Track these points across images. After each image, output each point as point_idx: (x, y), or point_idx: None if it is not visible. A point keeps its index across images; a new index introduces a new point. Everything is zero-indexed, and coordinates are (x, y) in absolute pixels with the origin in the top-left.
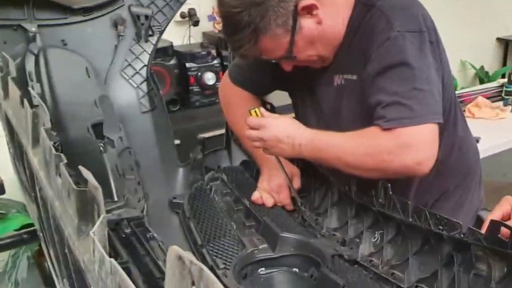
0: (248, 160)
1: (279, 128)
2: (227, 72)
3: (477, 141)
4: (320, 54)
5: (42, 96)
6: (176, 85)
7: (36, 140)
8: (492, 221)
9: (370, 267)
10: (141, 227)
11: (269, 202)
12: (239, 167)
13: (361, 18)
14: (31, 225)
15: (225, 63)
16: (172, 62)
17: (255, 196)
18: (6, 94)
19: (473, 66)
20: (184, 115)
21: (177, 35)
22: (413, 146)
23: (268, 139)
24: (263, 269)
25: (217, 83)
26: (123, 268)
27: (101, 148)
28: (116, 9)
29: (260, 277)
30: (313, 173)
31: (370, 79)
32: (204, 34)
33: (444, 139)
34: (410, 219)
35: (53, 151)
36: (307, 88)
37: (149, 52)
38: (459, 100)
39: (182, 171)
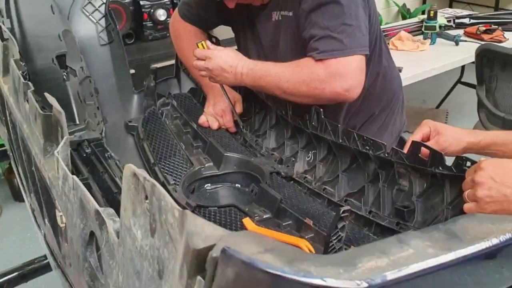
0: (196, 88)
1: (223, 59)
2: (177, 9)
3: (400, 70)
4: None
5: (11, 30)
6: (131, 20)
7: (6, 70)
8: (413, 142)
9: (304, 183)
10: (100, 148)
11: (214, 125)
12: (187, 94)
13: None
14: (2, 145)
15: (175, 1)
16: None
17: (202, 119)
18: None
19: (396, 4)
20: (138, 48)
21: None
22: (343, 75)
23: (213, 69)
24: (209, 184)
25: (168, 19)
26: (84, 184)
27: (64, 77)
28: None
29: (206, 192)
30: (254, 99)
31: (304, 15)
32: None
33: (370, 68)
34: (340, 140)
35: (22, 79)
36: (248, 24)
37: None
38: (384, 34)
39: (136, 98)
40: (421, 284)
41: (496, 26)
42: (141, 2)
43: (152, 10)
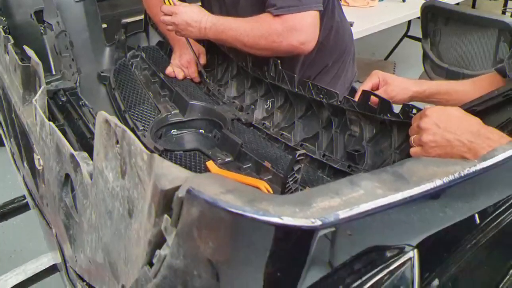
0: (163, 41)
1: (188, 14)
2: None
3: (351, 25)
4: None
5: None
6: None
7: None
8: (363, 91)
9: (263, 129)
10: (75, 96)
11: (180, 75)
12: (155, 47)
13: None
14: None
15: None
16: None
17: (168, 70)
18: None
19: None
20: (110, 4)
21: None
22: (298, 29)
23: (179, 23)
24: (175, 130)
25: None
26: (60, 130)
27: (42, 31)
28: None
29: (172, 137)
30: (216, 52)
31: None
32: None
33: (324, 23)
34: (296, 90)
35: (2, 33)
36: None
37: None
38: None
39: (108, 50)
40: (371, 223)
41: None
42: None
43: None
